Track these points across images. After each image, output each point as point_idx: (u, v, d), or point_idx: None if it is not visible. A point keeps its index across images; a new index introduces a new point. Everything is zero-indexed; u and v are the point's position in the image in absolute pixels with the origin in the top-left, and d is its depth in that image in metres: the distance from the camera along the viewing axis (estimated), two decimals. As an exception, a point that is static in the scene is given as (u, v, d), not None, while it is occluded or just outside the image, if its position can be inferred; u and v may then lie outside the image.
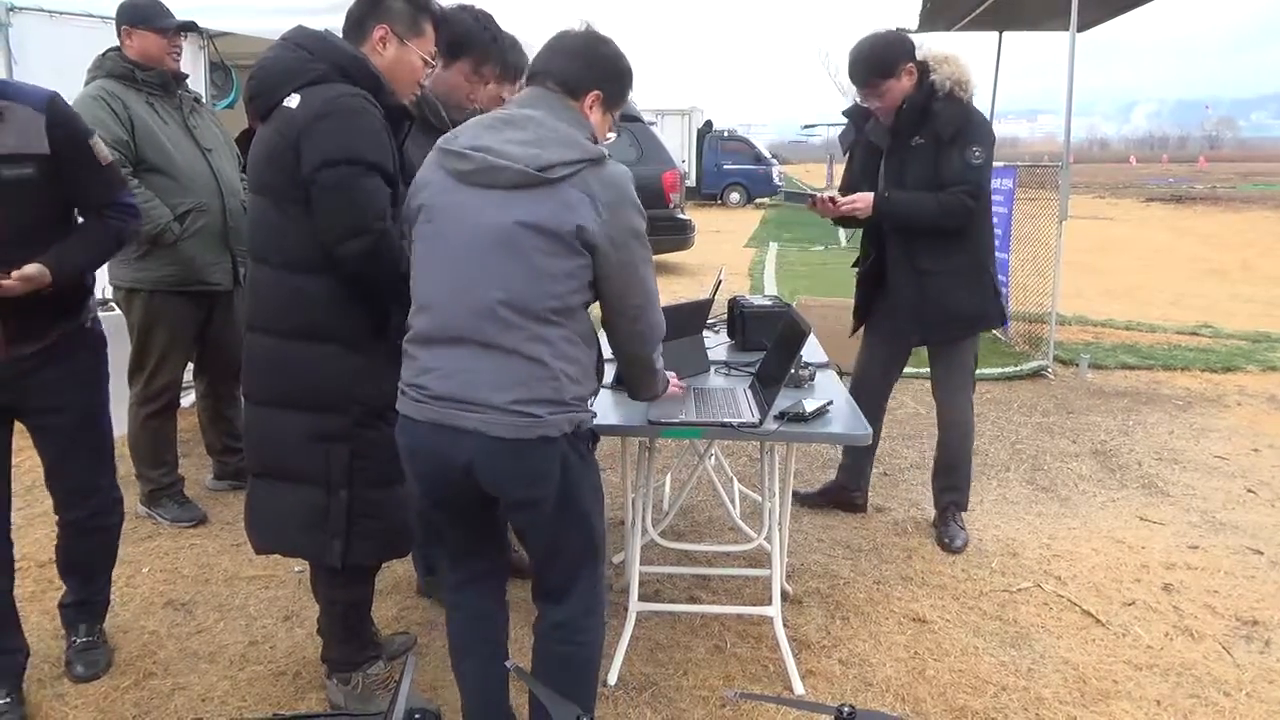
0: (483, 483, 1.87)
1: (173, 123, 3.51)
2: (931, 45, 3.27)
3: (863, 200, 3.23)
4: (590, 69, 1.89)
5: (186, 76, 3.70)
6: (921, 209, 3.21)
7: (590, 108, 1.89)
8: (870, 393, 3.53)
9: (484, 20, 2.50)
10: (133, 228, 2.46)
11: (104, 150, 2.36)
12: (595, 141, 1.88)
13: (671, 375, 2.39)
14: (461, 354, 1.82)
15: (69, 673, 2.62)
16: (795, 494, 3.80)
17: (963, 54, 3.18)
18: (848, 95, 3.49)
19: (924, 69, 3.19)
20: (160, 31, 3.50)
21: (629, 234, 1.83)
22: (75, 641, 2.66)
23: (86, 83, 3.55)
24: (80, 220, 2.38)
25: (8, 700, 2.38)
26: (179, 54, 3.58)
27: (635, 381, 2.14)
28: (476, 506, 1.96)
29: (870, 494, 4.05)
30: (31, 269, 2.16)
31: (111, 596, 2.77)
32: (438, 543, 2.13)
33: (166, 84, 3.52)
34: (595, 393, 1.96)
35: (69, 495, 2.56)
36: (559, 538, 1.95)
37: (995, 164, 7.55)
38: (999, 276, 3.54)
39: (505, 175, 1.78)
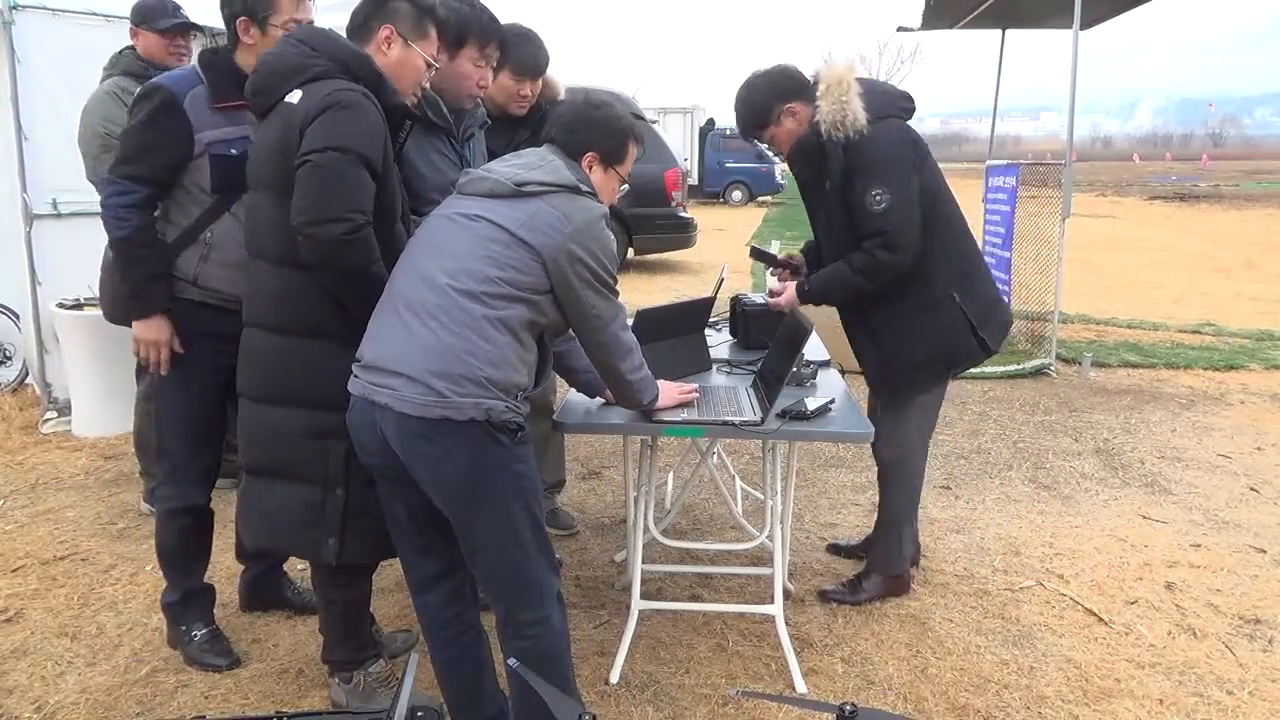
0: (400, 458, 1.92)
1: None
2: (834, 65, 2.76)
3: (785, 298, 2.96)
4: (583, 132, 2.10)
5: None
6: (842, 284, 2.82)
7: (590, 168, 2.10)
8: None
9: (478, 6, 2.51)
10: None
11: None
12: (595, 196, 2.05)
13: (684, 384, 2.51)
14: (394, 320, 1.94)
15: None
16: (836, 548, 3.48)
17: (848, 75, 2.71)
18: None
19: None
20: (159, 32, 3.54)
21: (575, 260, 1.96)
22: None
23: (103, 79, 3.63)
24: None
25: (208, 630, 2.70)
26: (184, 53, 3.61)
27: (613, 391, 2.30)
28: (415, 488, 1.97)
29: (871, 492, 4.04)
30: None
31: (120, 593, 2.82)
32: (400, 537, 2.13)
33: None
34: (523, 389, 1.96)
35: None
36: (475, 529, 1.96)
37: (998, 161, 7.59)
38: (992, 292, 3.00)
39: (485, 185, 2.01)
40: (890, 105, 2.77)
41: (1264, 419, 5.25)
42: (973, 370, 6.11)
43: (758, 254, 3.31)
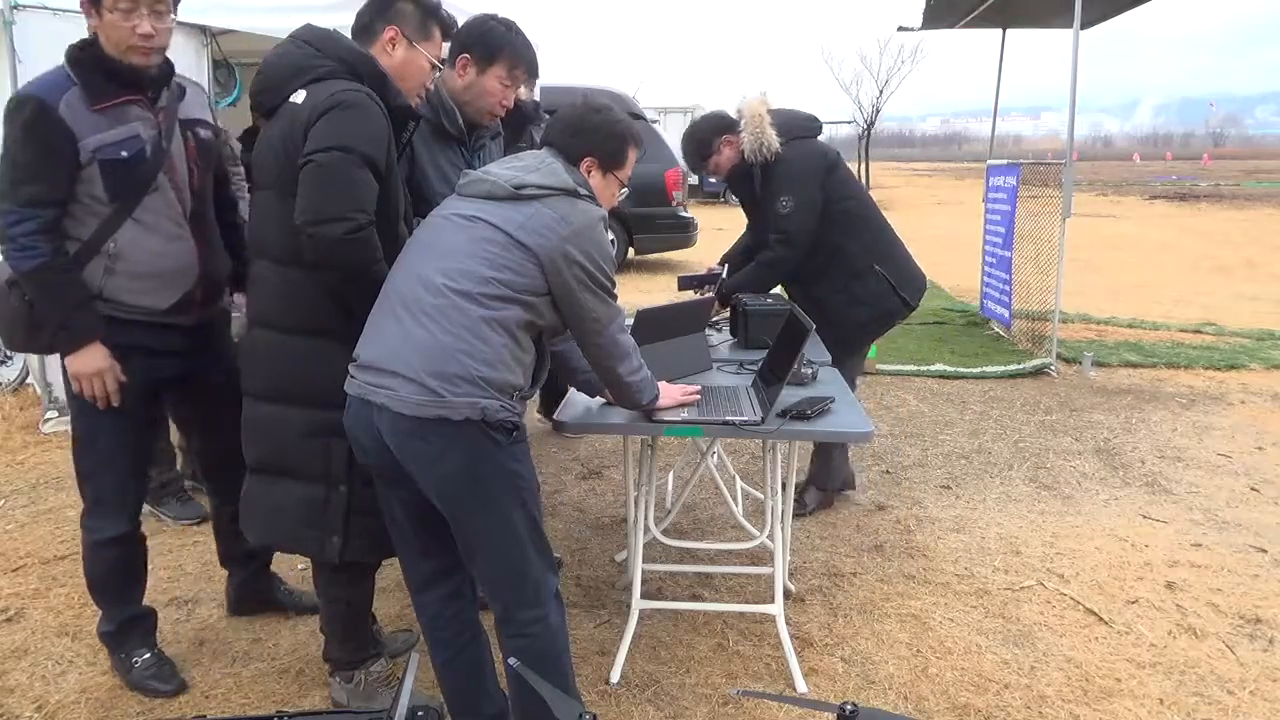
0: (397, 458, 1.92)
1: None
2: (749, 100, 3.49)
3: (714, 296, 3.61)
4: (581, 136, 2.10)
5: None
6: (755, 278, 3.55)
7: (589, 172, 2.10)
8: None
9: (512, 26, 2.54)
10: None
11: None
12: (593, 199, 2.06)
13: (685, 385, 2.52)
14: (390, 320, 1.94)
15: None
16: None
17: (761, 109, 3.42)
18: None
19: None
20: None
21: (572, 262, 1.96)
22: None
23: None
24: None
25: (152, 654, 2.58)
26: None
27: (612, 393, 2.32)
28: (413, 488, 1.97)
29: (872, 492, 4.07)
30: None
31: None
32: (398, 538, 2.13)
33: None
34: (519, 389, 1.96)
35: (225, 466, 2.61)
36: (472, 528, 1.96)
37: (999, 161, 7.59)
38: (907, 263, 3.65)
39: (484, 186, 2.02)
40: (797, 127, 3.49)
41: (1264, 418, 5.25)
42: (973, 370, 6.16)
43: (686, 282, 3.81)
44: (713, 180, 3.77)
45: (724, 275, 3.70)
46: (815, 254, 3.51)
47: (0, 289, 2.35)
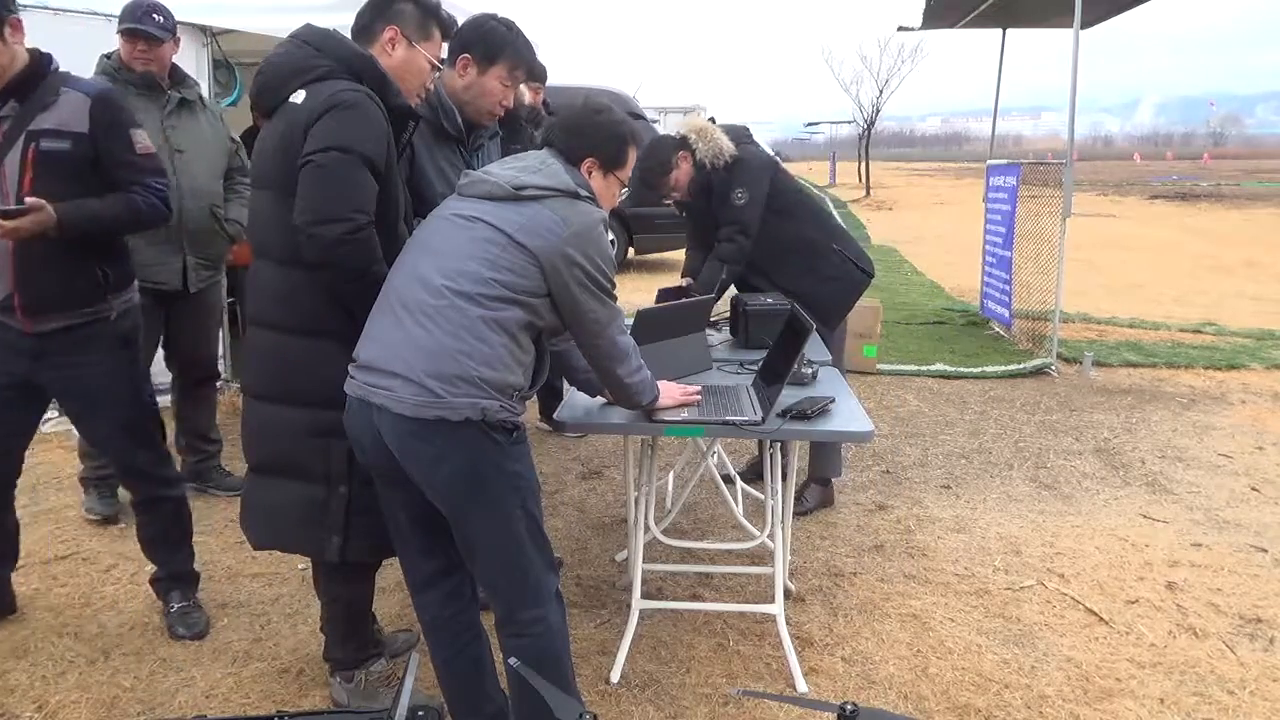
0: (397, 459, 1.92)
1: (148, 123, 3.35)
2: (690, 119, 3.80)
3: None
4: (582, 137, 2.10)
5: (184, 78, 3.70)
6: (715, 272, 3.68)
7: (589, 173, 2.10)
8: None
9: (512, 26, 2.54)
10: (152, 205, 2.62)
11: (145, 141, 2.64)
12: (594, 201, 2.06)
13: (686, 385, 2.51)
14: (390, 321, 1.94)
15: (171, 634, 2.82)
16: (741, 476, 4.06)
17: (706, 123, 3.73)
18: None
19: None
20: (120, 34, 3.48)
21: (572, 264, 1.95)
22: (172, 608, 2.87)
23: None
24: None
25: None
26: (148, 60, 3.50)
27: (612, 394, 2.33)
28: (413, 488, 1.98)
29: (872, 492, 4.07)
30: (30, 200, 2.39)
31: (121, 593, 2.86)
32: (398, 538, 2.13)
33: (150, 83, 3.52)
34: (519, 389, 1.96)
35: (124, 477, 2.86)
36: (472, 528, 1.96)
37: (999, 161, 7.61)
38: (855, 242, 3.91)
39: (483, 187, 2.02)
40: (740, 136, 3.74)
41: (1265, 418, 5.25)
42: (973, 370, 6.16)
43: (663, 297, 3.77)
44: (672, 199, 3.94)
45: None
46: (776, 247, 3.69)
47: None
